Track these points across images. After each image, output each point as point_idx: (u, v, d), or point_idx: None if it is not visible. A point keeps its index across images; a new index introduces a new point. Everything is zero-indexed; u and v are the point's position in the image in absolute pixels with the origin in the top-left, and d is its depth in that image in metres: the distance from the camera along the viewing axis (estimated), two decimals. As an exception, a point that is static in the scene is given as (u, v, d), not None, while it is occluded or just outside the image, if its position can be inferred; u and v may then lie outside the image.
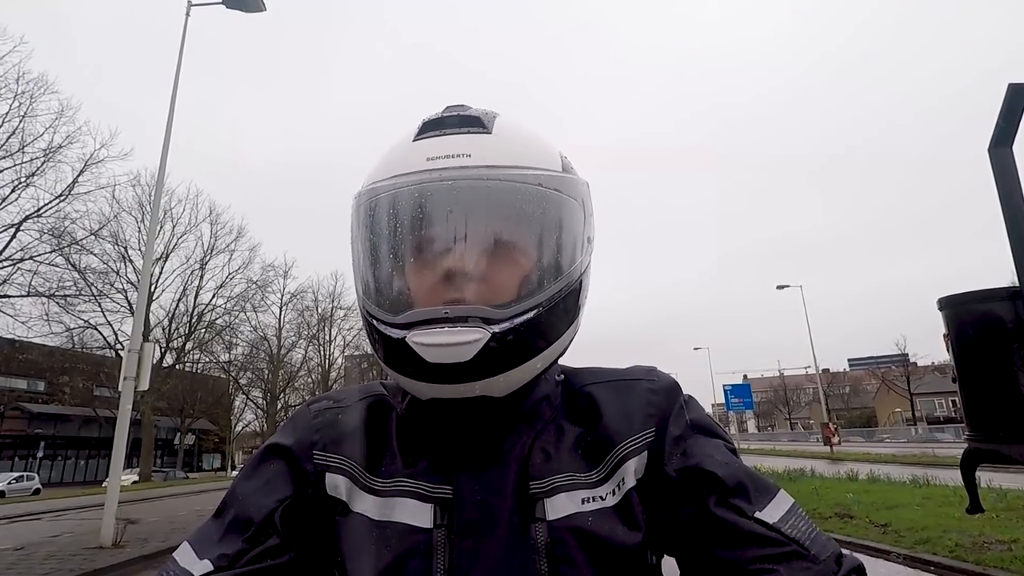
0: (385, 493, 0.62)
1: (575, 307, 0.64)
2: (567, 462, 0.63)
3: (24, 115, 18.29)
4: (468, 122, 0.64)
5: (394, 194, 0.61)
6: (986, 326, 1.36)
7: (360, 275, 0.64)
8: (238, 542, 0.60)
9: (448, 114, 0.65)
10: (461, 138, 0.63)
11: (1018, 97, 1.40)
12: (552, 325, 0.61)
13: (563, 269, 0.62)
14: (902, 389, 53.17)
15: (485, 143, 0.62)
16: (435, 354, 0.56)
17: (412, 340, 0.56)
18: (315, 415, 0.70)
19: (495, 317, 0.57)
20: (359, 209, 0.65)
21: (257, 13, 11.34)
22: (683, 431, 0.65)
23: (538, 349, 0.60)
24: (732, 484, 0.60)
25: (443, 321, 0.56)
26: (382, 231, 0.62)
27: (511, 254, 0.60)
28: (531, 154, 0.64)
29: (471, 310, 0.57)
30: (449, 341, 0.55)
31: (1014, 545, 6.19)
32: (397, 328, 0.58)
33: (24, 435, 34.63)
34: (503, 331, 0.56)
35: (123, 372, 8.84)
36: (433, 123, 0.65)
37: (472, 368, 0.56)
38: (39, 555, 8.15)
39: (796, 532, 0.57)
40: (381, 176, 0.64)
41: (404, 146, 0.65)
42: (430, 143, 0.63)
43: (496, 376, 0.58)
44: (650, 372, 0.71)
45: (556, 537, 0.58)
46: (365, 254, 0.63)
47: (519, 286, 0.59)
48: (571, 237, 0.64)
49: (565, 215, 0.63)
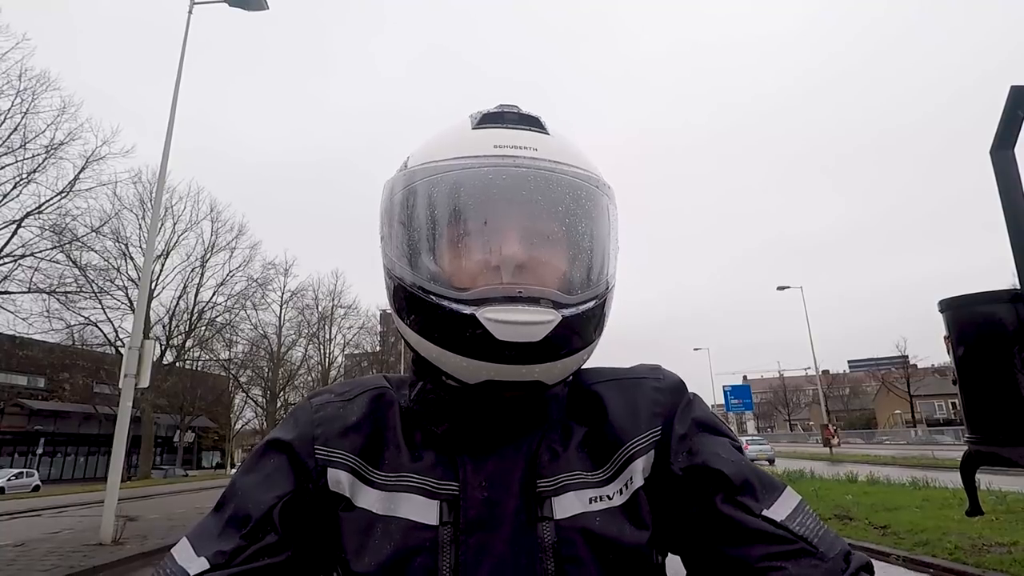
0: (389, 487, 0.62)
1: (608, 307, 0.65)
2: (574, 461, 0.63)
3: (26, 111, 18.38)
4: (527, 120, 0.66)
5: (464, 173, 0.61)
6: (987, 329, 1.36)
7: (410, 252, 0.62)
8: (236, 539, 0.59)
9: (507, 110, 0.67)
10: (525, 133, 0.64)
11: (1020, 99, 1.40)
12: (602, 319, 0.63)
13: (612, 267, 0.65)
14: (902, 391, 53.15)
15: (547, 141, 0.64)
16: (508, 331, 0.55)
17: (484, 316, 0.55)
18: (316, 409, 0.69)
19: (565, 302, 0.58)
20: (415, 185, 0.63)
21: (259, 12, 11.35)
22: (689, 429, 0.65)
23: (589, 340, 0.62)
24: (739, 482, 0.60)
25: (516, 300, 0.56)
26: (449, 208, 0.61)
27: (573, 245, 0.62)
28: (584, 159, 0.66)
29: (544, 292, 0.58)
30: (524, 319, 0.55)
31: (1014, 548, 6.19)
32: (465, 304, 0.57)
33: (24, 431, 34.62)
34: (571, 316, 0.58)
35: (123, 369, 8.84)
36: (493, 116, 0.66)
37: (538, 350, 0.56)
38: (39, 552, 8.15)
39: (804, 529, 0.57)
40: (442, 156, 0.63)
41: (464, 132, 0.65)
42: (495, 132, 0.64)
43: (555, 361, 0.58)
44: (655, 371, 0.72)
45: (563, 536, 0.58)
46: (425, 231, 0.62)
47: (580, 277, 0.61)
48: (615, 240, 0.66)
49: (612, 218, 0.66)
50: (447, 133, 0.67)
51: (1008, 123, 1.42)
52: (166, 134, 10.47)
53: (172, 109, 10.52)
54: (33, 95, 18.36)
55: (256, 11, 11.33)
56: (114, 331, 27.06)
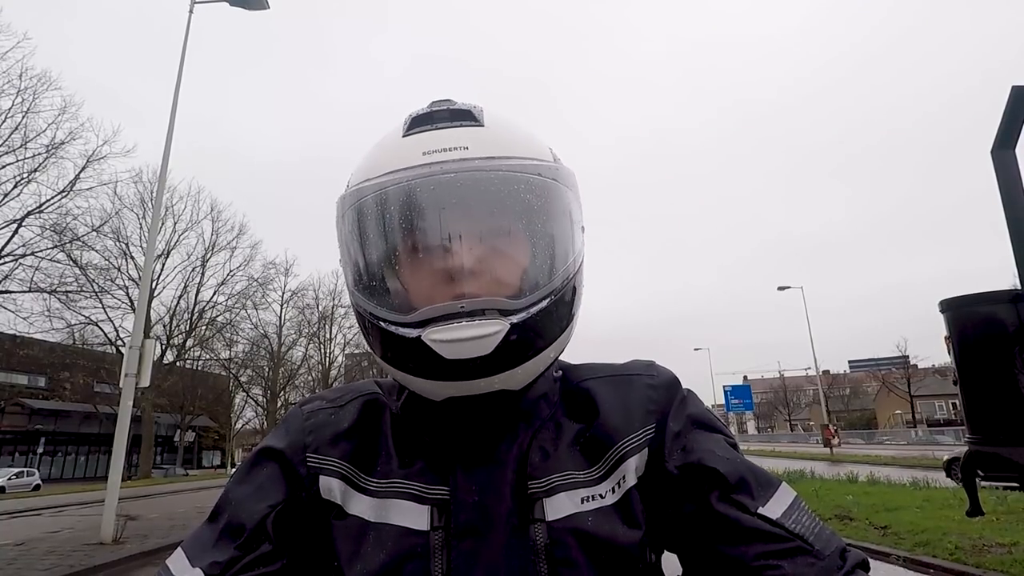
0: (381, 494, 0.62)
1: (577, 296, 0.64)
2: (566, 460, 0.62)
3: (27, 111, 18.32)
4: (459, 115, 0.62)
5: (392, 190, 0.58)
6: (988, 329, 1.36)
7: (357, 277, 0.61)
8: (230, 549, 0.59)
9: (436, 108, 0.63)
10: (455, 131, 0.61)
11: (1021, 100, 1.40)
12: (562, 313, 0.61)
13: (567, 258, 0.61)
14: (902, 391, 53.11)
15: (480, 135, 0.61)
16: (454, 350, 0.54)
17: (429, 338, 0.55)
18: (307, 416, 0.68)
19: (511, 308, 0.56)
20: (348, 210, 0.62)
21: (260, 11, 11.36)
22: (683, 427, 0.64)
23: (551, 339, 0.60)
24: (734, 480, 0.59)
25: (459, 316, 0.55)
26: (382, 229, 0.59)
27: (519, 244, 0.59)
28: (525, 145, 0.63)
29: (487, 302, 0.55)
30: (469, 335, 0.54)
31: (1014, 548, 6.18)
32: (410, 327, 0.56)
33: (24, 431, 34.64)
34: (521, 321, 0.56)
35: (124, 369, 8.85)
36: (422, 118, 0.63)
37: (492, 362, 0.55)
38: (39, 551, 8.16)
39: (799, 527, 0.56)
40: (372, 174, 0.61)
41: (394, 142, 0.63)
42: (423, 137, 0.61)
43: (514, 368, 0.57)
44: (649, 367, 0.70)
45: (556, 538, 0.57)
46: (363, 255, 0.61)
47: (529, 276, 0.59)
48: (571, 225, 0.63)
49: (564, 204, 0.63)
50: (381, 144, 0.64)
51: (1009, 123, 1.42)
52: (167, 133, 10.48)
53: (173, 108, 10.53)
54: (34, 94, 18.33)
55: (257, 10, 11.35)
56: (115, 330, 27.10)
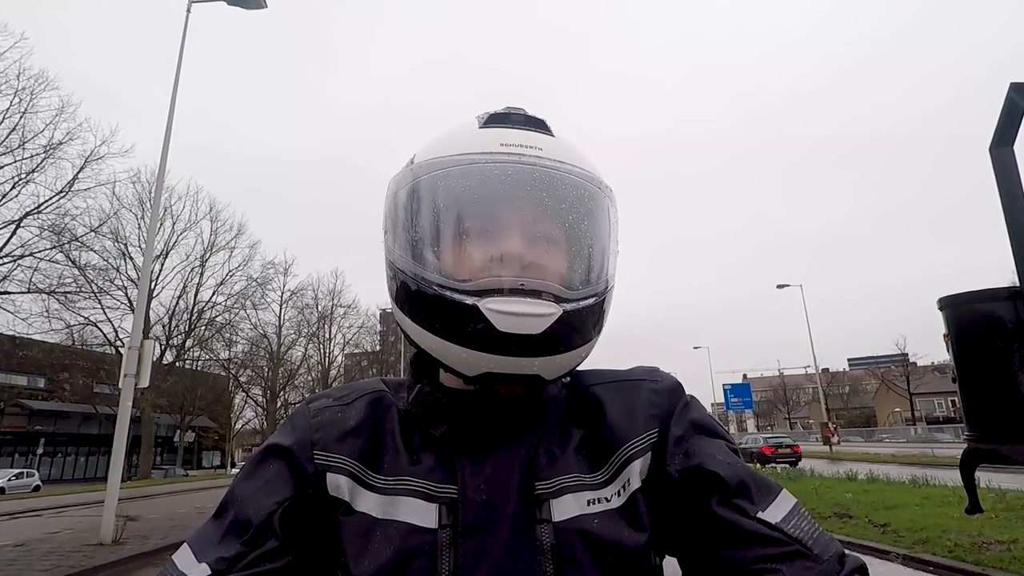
0: (388, 491, 0.62)
1: (608, 307, 0.66)
2: (572, 463, 0.63)
3: (25, 111, 18.37)
4: (533, 122, 0.67)
5: (470, 168, 0.62)
6: (986, 326, 1.36)
7: (414, 245, 0.63)
8: (236, 545, 0.59)
9: (513, 111, 0.68)
10: (530, 133, 0.65)
11: (1019, 96, 1.40)
12: (601, 317, 0.64)
13: (612, 266, 0.66)
14: (902, 389, 53.17)
15: (552, 142, 0.65)
16: (509, 323, 0.56)
17: (486, 307, 0.56)
18: (314, 414, 0.69)
19: (567, 296, 0.59)
20: (420, 181, 0.64)
21: (258, 10, 11.34)
22: (685, 431, 0.66)
23: (589, 337, 0.63)
24: (734, 484, 0.60)
25: (518, 292, 0.57)
26: (455, 203, 0.62)
27: (577, 243, 0.63)
28: (587, 161, 0.68)
29: (546, 285, 0.58)
30: (525, 311, 0.56)
31: (1013, 545, 6.19)
32: (468, 295, 0.58)
33: (24, 432, 34.64)
34: (572, 311, 0.59)
35: (123, 369, 8.84)
36: (499, 116, 0.67)
37: (538, 342, 0.57)
38: (39, 552, 8.16)
39: (799, 532, 0.57)
40: (449, 152, 0.64)
41: (471, 131, 0.66)
42: (501, 131, 0.65)
43: (554, 355, 0.59)
44: (653, 373, 0.72)
45: (562, 539, 0.58)
46: (429, 224, 0.62)
47: (582, 274, 0.62)
48: (615, 241, 0.67)
49: (613, 220, 0.67)
50: (454, 131, 0.68)
51: (1007, 120, 1.42)
52: (165, 133, 10.47)
53: (171, 109, 10.51)
54: (32, 95, 18.38)
55: (254, 10, 11.33)
56: (114, 331, 27.12)
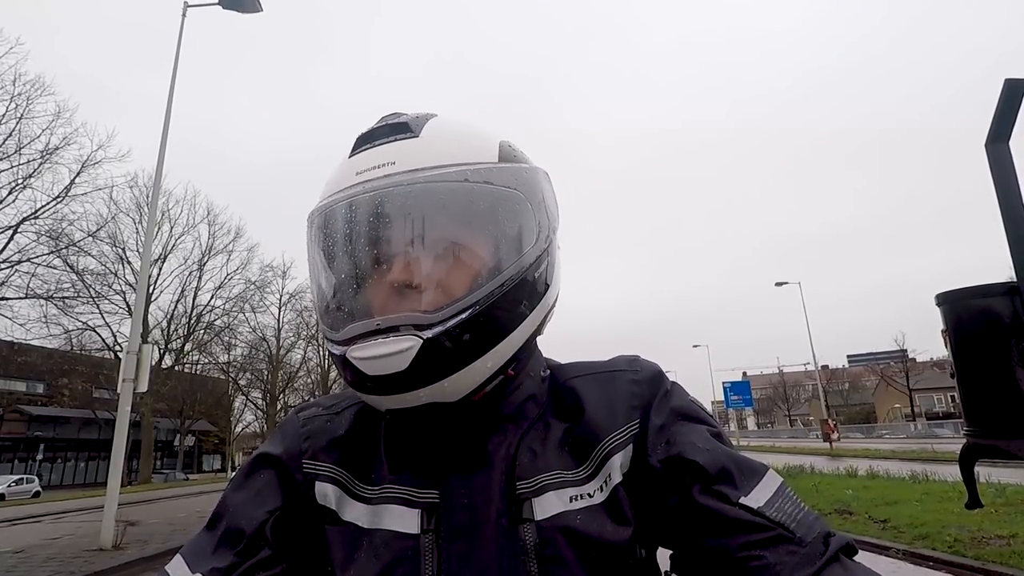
0: (374, 500, 0.62)
1: (527, 301, 0.62)
2: (554, 460, 0.62)
3: (21, 117, 18.26)
4: (396, 129, 0.63)
5: (329, 212, 0.61)
6: (984, 322, 1.36)
7: (313, 295, 0.65)
8: (230, 555, 0.60)
9: (379, 124, 0.64)
10: (388, 147, 0.62)
11: (1015, 92, 1.40)
12: (498, 322, 0.59)
13: (503, 263, 0.60)
14: (901, 385, 53.28)
15: (410, 148, 0.61)
16: (372, 367, 0.56)
17: (350, 355, 0.57)
18: (303, 423, 0.69)
19: (425, 322, 0.55)
20: (307, 231, 0.65)
21: (254, 14, 11.33)
22: (666, 419, 0.64)
23: (484, 348, 0.58)
24: (715, 471, 0.59)
25: (375, 333, 0.56)
26: (320, 251, 0.63)
27: (440, 257, 0.58)
28: (459, 151, 0.62)
29: (400, 319, 0.56)
30: (380, 353, 0.55)
31: (1013, 540, 6.21)
32: (339, 344, 0.59)
33: (23, 437, 34.58)
34: (436, 335, 0.55)
35: (122, 374, 8.83)
36: (365, 136, 0.64)
37: (411, 376, 0.55)
38: (39, 558, 8.14)
39: (781, 515, 0.56)
40: (322, 196, 0.64)
41: (340, 164, 0.65)
42: (360, 157, 0.63)
43: (440, 381, 0.56)
44: (632, 362, 0.70)
45: (545, 537, 0.57)
46: (311, 274, 0.65)
47: (452, 288, 0.57)
48: (510, 229, 0.61)
49: (500, 207, 0.61)
50: (334, 167, 0.67)
51: (1002, 116, 1.42)
52: (161, 138, 10.46)
53: (167, 112, 10.50)
54: (28, 100, 18.26)
55: (250, 13, 11.31)
56: (112, 336, 26.98)
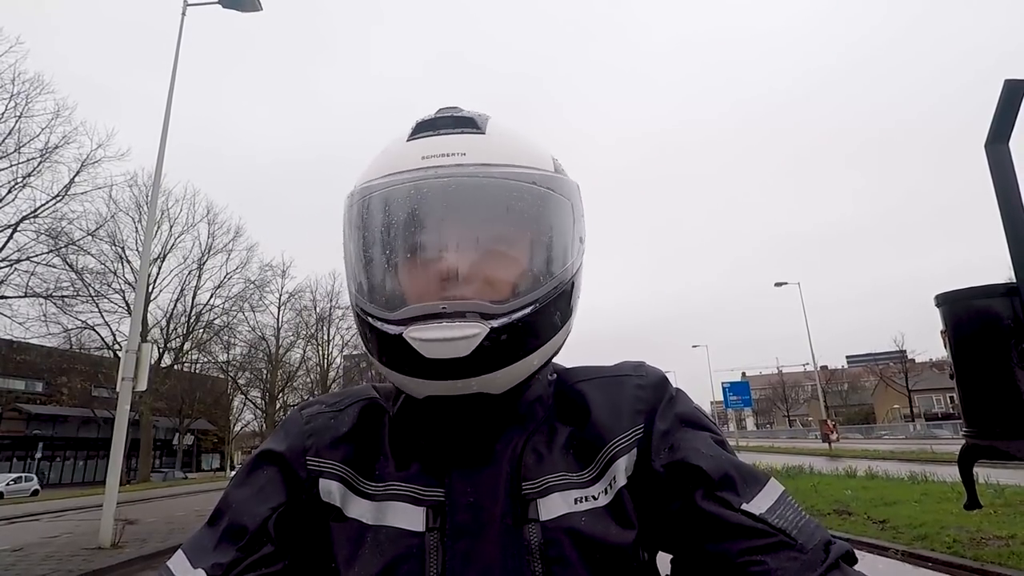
0: (379, 497, 0.62)
1: (568, 306, 0.64)
2: (559, 462, 0.63)
3: (20, 115, 18.28)
4: (462, 123, 0.64)
5: (390, 191, 0.61)
6: (983, 322, 1.36)
7: (354, 273, 0.64)
8: (232, 551, 0.59)
9: (441, 115, 0.65)
10: (455, 138, 0.63)
11: (1014, 93, 1.40)
12: (548, 322, 0.61)
13: (557, 267, 0.62)
14: (900, 386, 53.28)
15: (479, 143, 0.63)
16: (433, 349, 0.55)
17: (409, 335, 0.56)
18: (307, 420, 0.69)
19: (493, 312, 0.56)
20: (352, 208, 0.65)
21: (253, 13, 11.32)
22: (670, 425, 0.65)
23: (534, 346, 0.60)
24: (718, 477, 0.59)
25: (440, 316, 0.56)
26: (377, 229, 0.62)
27: (507, 251, 0.60)
28: (524, 154, 0.64)
29: (469, 305, 0.56)
30: (447, 336, 0.55)
31: (1012, 541, 6.21)
32: (394, 324, 0.58)
33: (22, 436, 34.54)
34: (501, 326, 0.56)
35: (121, 372, 8.82)
36: (427, 123, 0.65)
37: (470, 364, 0.56)
38: (38, 556, 8.14)
39: (783, 522, 0.56)
40: (375, 175, 0.64)
41: (398, 146, 0.65)
42: (425, 142, 0.63)
43: (493, 372, 0.57)
44: (638, 367, 0.71)
45: (550, 538, 0.58)
46: (360, 252, 0.63)
47: (515, 282, 0.59)
48: (564, 236, 0.64)
49: (558, 214, 0.64)
50: (386, 148, 0.67)
51: (1002, 117, 1.42)
52: (161, 137, 10.45)
53: (167, 111, 10.49)
54: (27, 99, 18.27)
55: (250, 12, 11.31)
56: (112, 334, 26.99)
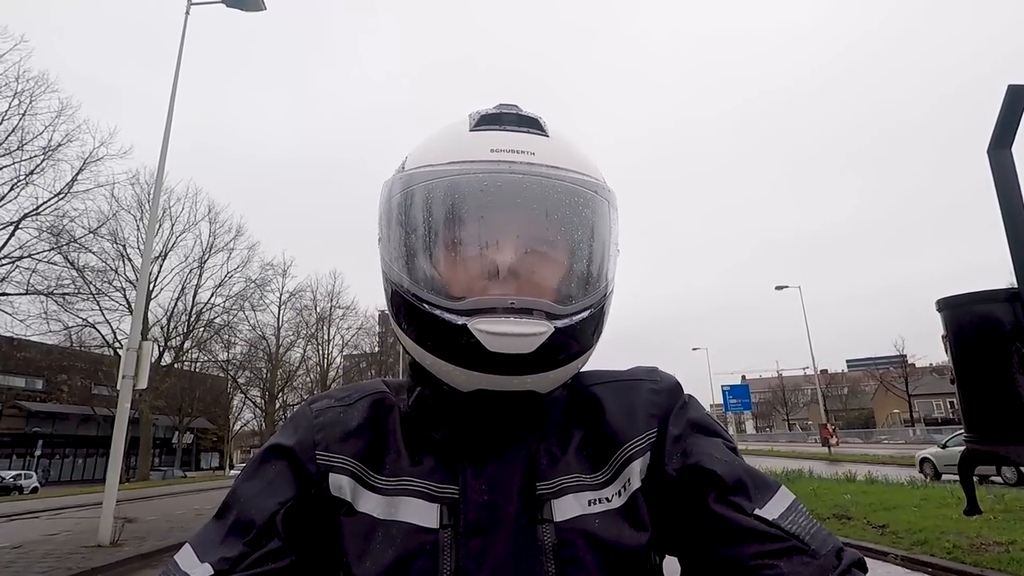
0: (390, 492, 0.62)
1: (608, 313, 0.65)
2: (573, 464, 0.64)
3: (24, 113, 18.38)
4: (526, 122, 0.65)
5: (459, 179, 0.60)
6: (985, 328, 1.36)
7: (405, 258, 0.62)
8: (239, 545, 0.59)
9: (505, 111, 0.65)
10: (522, 136, 0.63)
11: (1017, 98, 1.41)
12: (596, 328, 0.63)
13: (608, 276, 0.64)
14: (900, 390, 53.16)
15: (546, 145, 0.63)
16: (499, 343, 0.55)
17: (475, 327, 0.56)
18: (317, 414, 0.69)
19: (558, 313, 0.58)
20: (408, 190, 0.62)
21: (257, 12, 11.35)
22: (683, 430, 0.66)
23: (583, 350, 0.62)
24: (731, 482, 0.60)
25: (508, 312, 0.56)
26: (443, 215, 0.60)
27: (571, 253, 0.61)
28: (585, 162, 0.65)
29: (537, 303, 0.57)
30: (517, 331, 0.55)
31: (1011, 546, 6.20)
32: (457, 314, 0.57)
33: (22, 433, 34.54)
34: (564, 327, 0.57)
35: (121, 371, 8.83)
36: (491, 117, 0.65)
37: (531, 361, 0.57)
38: (37, 553, 8.14)
39: (796, 527, 0.57)
40: (438, 160, 0.62)
41: (460, 135, 0.64)
42: (491, 135, 0.63)
43: (548, 372, 0.59)
44: (652, 372, 0.72)
45: (563, 539, 0.58)
46: (419, 237, 0.61)
47: (577, 286, 0.61)
48: (611, 246, 0.65)
49: (610, 224, 0.65)
50: (444, 134, 0.66)
51: (1005, 122, 1.42)
52: (164, 135, 10.46)
53: (170, 110, 10.51)
54: (31, 97, 18.36)
55: (253, 11, 11.33)
56: (112, 332, 27.06)
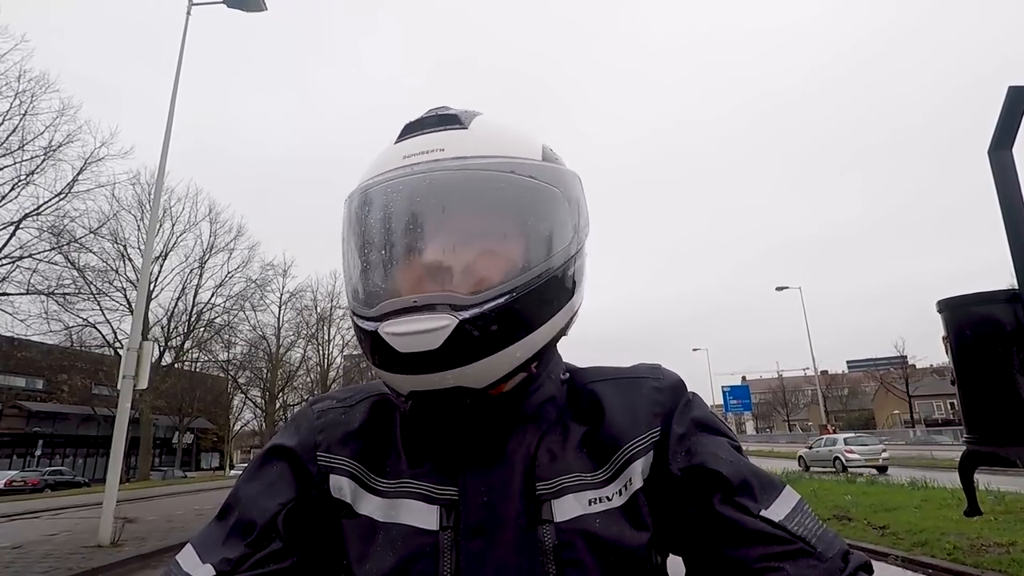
0: (390, 494, 0.62)
1: (558, 296, 0.62)
2: (573, 462, 0.63)
3: (25, 113, 18.32)
4: (446, 120, 0.65)
5: (369, 193, 0.63)
6: (985, 329, 1.37)
7: (344, 273, 0.66)
8: (241, 546, 0.60)
9: (428, 115, 0.66)
10: (437, 135, 0.63)
11: (1018, 99, 1.41)
12: (529, 313, 0.59)
13: (539, 257, 0.60)
14: (900, 391, 53.14)
15: (460, 137, 0.63)
16: (404, 343, 0.56)
17: (383, 331, 0.57)
18: (318, 415, 0.69)
19: (463, 303, 0.56)
20: (344, 212, 0.67)
21: (258, 12, 11.35)
22: (687, 429, 0.65)
23: (514, 337, 0.58)
24: (737, 482, 0.60)
25: (412, 310, 0.56)
26: (359, 229, 0.64)
27: (481, 242, 0.59)
28: (506, 144, 0.63)
29: (438, 297, 0.56)
30: (416, 329, 0.55)
31: (1012, 548, 6.19)
32: (371, 320, 0.59)
33: (22, 433, 34.56)
34: (472, 317, 0.55)
35: (122, 371, 8.83)
36: (413, 124, 0.66)
37: (441, 356, 0.55)
38: (37, 553, 8.13)
39: (802, 530, 0.57)
40: (365, 177, 0.65)
41: (385, 149, 0.67)
42: (409, 142, 0.64)
43: (469, 365, 0.56)
44: (655, 370, 0.71)
45: (564, 539, 0.58)
46: (347, 252, 0.65)
47: (489, 273, 0.58)
48: (548, 225, 0.62)
49: (541, 202, 0.62)
50: (378, 152, 0.68)
51: (1005, 124, 1.42)
52: (164, 135, 10.46)
53: (171, 110, 10.51)
54: (32, 97, 18.31)
55: (254, 12, 11.34)
56: (112, 332, 27.04)
